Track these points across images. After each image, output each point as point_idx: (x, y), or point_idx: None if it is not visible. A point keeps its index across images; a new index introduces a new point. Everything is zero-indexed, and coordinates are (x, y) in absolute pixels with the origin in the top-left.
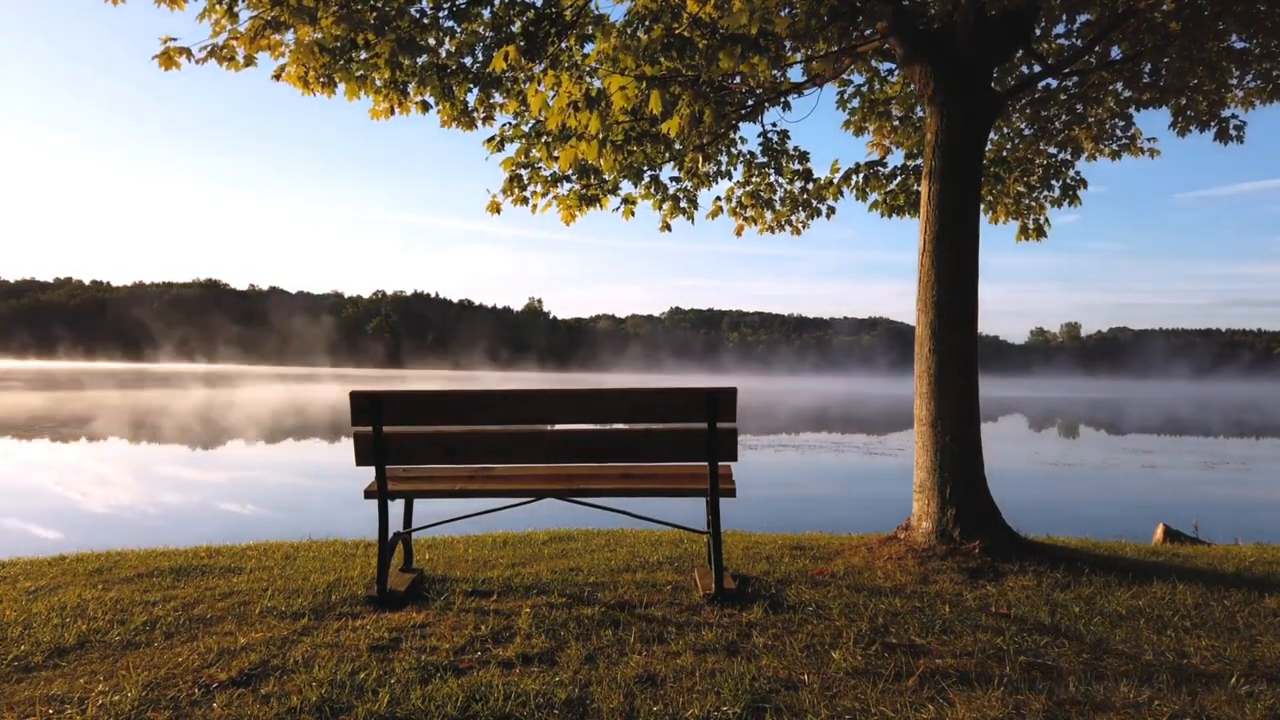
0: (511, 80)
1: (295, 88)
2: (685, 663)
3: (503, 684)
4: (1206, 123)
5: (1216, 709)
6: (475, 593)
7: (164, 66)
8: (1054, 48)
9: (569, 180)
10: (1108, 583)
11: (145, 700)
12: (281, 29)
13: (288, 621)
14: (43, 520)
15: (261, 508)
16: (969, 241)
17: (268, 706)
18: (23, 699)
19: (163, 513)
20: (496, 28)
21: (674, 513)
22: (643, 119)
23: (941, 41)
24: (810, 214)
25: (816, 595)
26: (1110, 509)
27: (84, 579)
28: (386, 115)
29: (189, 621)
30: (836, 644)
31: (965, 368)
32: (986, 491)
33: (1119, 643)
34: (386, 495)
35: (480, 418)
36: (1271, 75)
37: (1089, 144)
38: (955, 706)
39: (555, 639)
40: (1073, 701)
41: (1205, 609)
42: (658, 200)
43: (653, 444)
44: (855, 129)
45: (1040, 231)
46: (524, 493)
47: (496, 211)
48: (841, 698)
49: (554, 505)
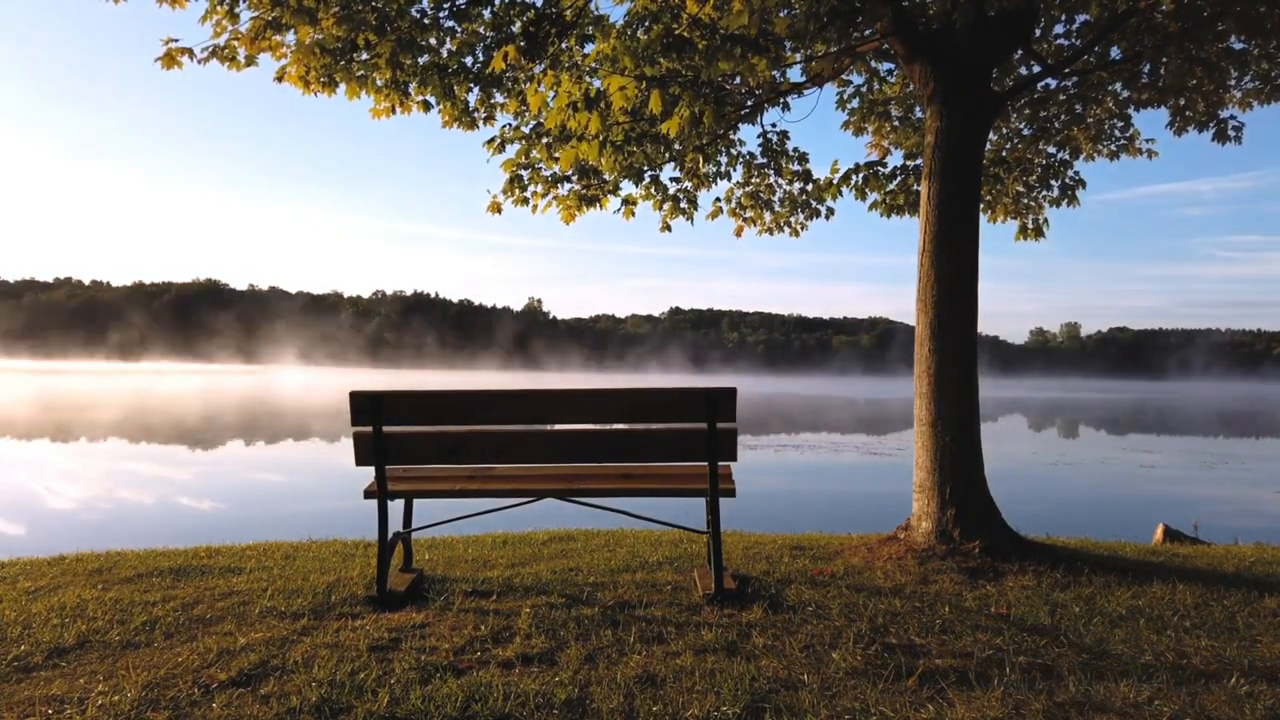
0: (512, 80)
1: (296, 88)
2: (685, 663)
3: (502, 684)
4: (1205, 123)
5: (1216, 709)
6: (475, 593)
7: (166, 66)
8: (1053, 48)
9: (569, 181)
10: (1108, 583)
11: (145, 700)
12: (282, 30)
13: (287, 621)
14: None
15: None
16: (969, 241)
17: (267, 706)
18: (22, 699)
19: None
20: (497, 28)
21: (674, 513)
22: (643, 119)
23: (941, 42)
24: (810, 215)
25: (816, 595)
26: (1110, 509)
27: (83, 579)
28: (388, 114)
29: (189, 621)
30: (836, 644)
31: (965, 368)
32: (986, 491)
33: (1119, 643)
34: (386, 495)
35: (480, 417)
36: (1270, 76)
37: (1087, 144)
38: (955, 706)
39: (555, 639)
40: (1073, 701)
41: (1205, 609)
42: (658, 201)
43: (652, 444)
44: (855, 129)
45: (1039, 231)
46: (524, 493)
47: (497, 212)
48: (841, 698)
49: (554, 505)
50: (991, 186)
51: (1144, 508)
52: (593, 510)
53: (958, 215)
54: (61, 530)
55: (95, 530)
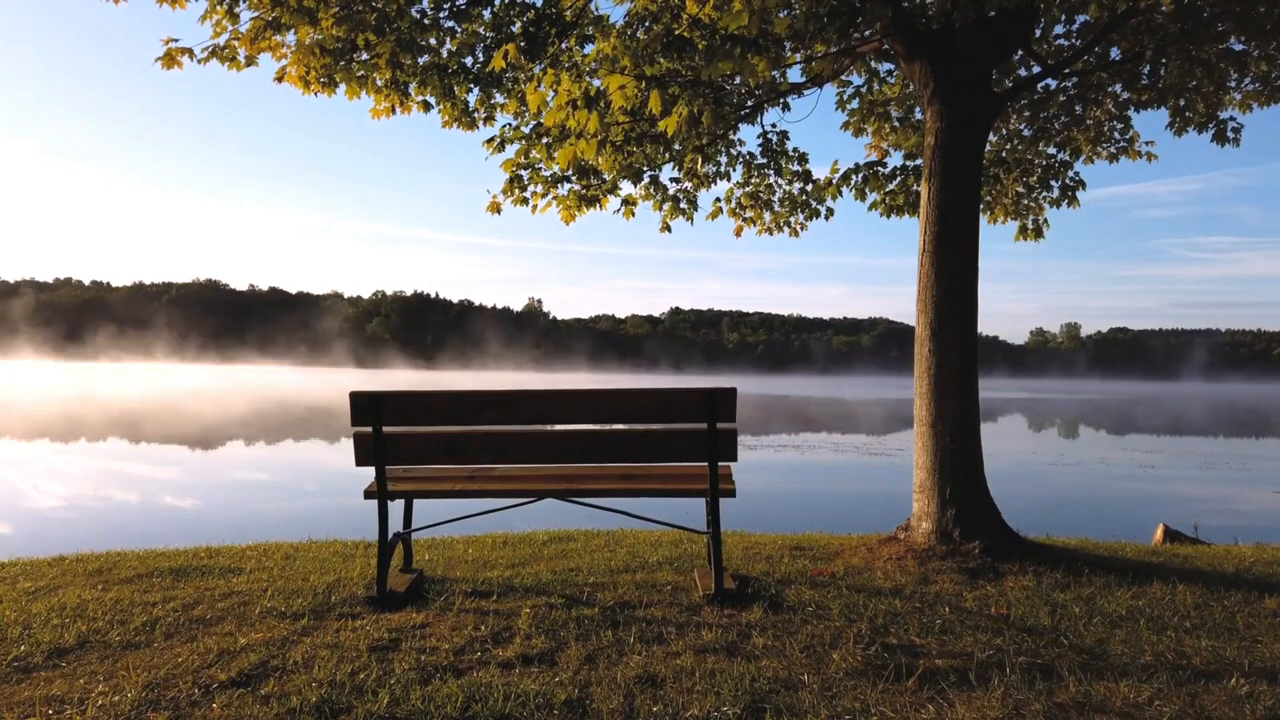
0: (512, 80)
1: (296, 88)
2: (685, 663)
3: (502, 684)
4: (1204, 124)
5: (1216, 710)
6: (475, 593)
7: (166, 66)
8: (1053, 48)
9: (569, 180)
10: (1107, 583)
11: (145, 701)
12: (282, 30)
13: (287, 622)
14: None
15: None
16: (969, 242)
17: (267, 707)
18: (22, 699)
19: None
20: (497, 28)
21: (674, 513)
22: (642, 119)
23: (941, 42)
24: (809, 215)
25: (816, 596)
26: (1111, 509)
27: (83, 579)
28: (388, 114)
29: (189, 622)
30: (836, 644)
31: (965, 368)
32: (986, 492)
33: (1119, 643)
34: (386, 496)
35: (480, 418)
36: (1270, 78)
37: (1087, 146)
38: (955, 707)
39: (555, 639)
40: (1073, 702)
41: (1205, 610)
42: (657, 201)
43: (652, 444)
44: (855, 130)
45: (1039, 232)
46: (524, 493)
47: (497, 212)
48: (841, 698)
49: (554, 505)
50: (991, 187)
51: (1144, 508)
52: (593, 511)
53: (958, 216)
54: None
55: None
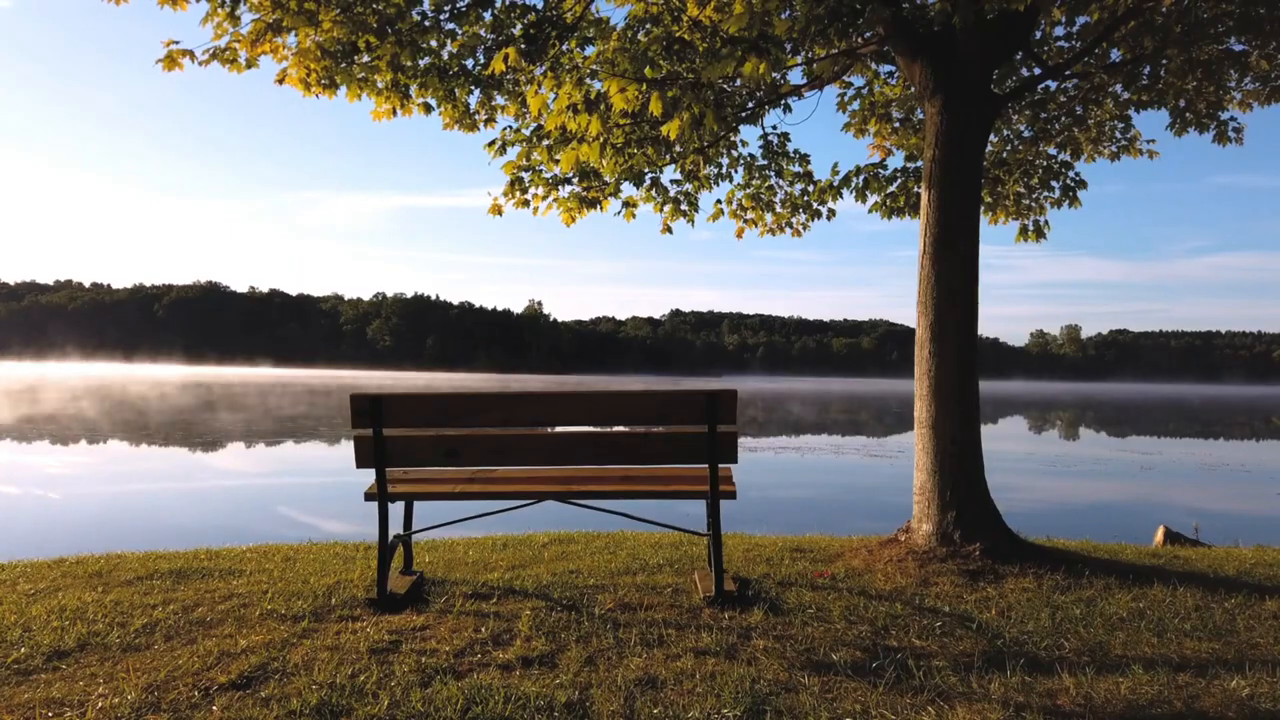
0: (513, 83)
1: (297, 90)
2: (685, 665)
3: (502, 686)
4: (1205, 124)
5: (1216, 712)
6: (475, 595)
7: (167, 68)
8: (1054, 49)
9: (570, 183)
10: (1108, 585)
11: (145, 703)
12: (283, 32)
13: (287, 624)
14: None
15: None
16: (969, 243)
17: (267, 709)
18: (22, 702)
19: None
20: (497, 30)
21: (674, 515)
22: (643, 122)
23: (941, 43)
24: (811, 216)
25: (817, 598)
26: (1110, 510)
27: (83, 581)
28: (389, 116)
29: (189, 624)
30: (837, 647)
31: (965, 370)
32: (987, 493)
33: (1119, 645)
34: (386, 497)
35: (480, 420)
36: (1270, 78)
37: (1088, 146)
38: (956, 710)
39: (555, 641)
40: (1073, 704)
41: (1205, 611)
42: (659, 203)
43: (653, 446)
44: (856, 131)
45: (1040, 232)
46: (524, 495)
47: (498, 214)
48: (842, 700)
49: (554, 507)
50: (992, 188)
51: (1144, 509)
52: (593, 512)
53: (958, 217)
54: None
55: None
